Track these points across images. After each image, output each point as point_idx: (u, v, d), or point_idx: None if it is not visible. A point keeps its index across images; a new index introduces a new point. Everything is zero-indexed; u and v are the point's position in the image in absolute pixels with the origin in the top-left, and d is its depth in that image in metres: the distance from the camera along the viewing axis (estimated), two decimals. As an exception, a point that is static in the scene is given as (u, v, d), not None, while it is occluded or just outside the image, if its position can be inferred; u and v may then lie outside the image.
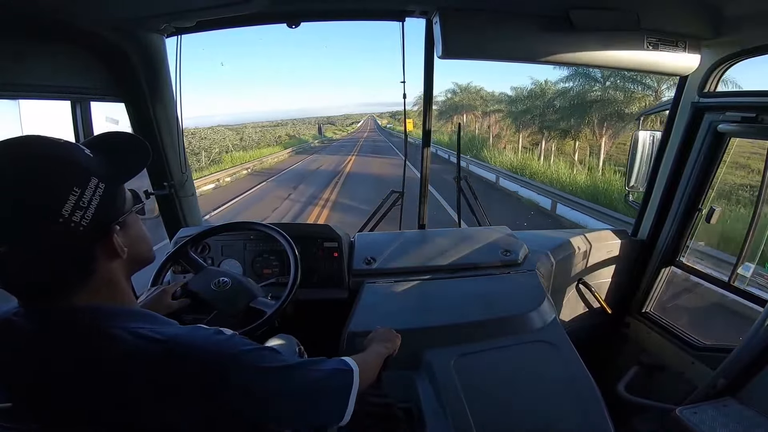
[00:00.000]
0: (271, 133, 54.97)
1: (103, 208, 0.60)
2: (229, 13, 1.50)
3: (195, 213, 2.08)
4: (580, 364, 1.34)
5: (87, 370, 0.61)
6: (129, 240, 0.67)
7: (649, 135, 1.99)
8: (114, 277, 0.66)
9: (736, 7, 1.37)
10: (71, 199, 0.57)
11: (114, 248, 0.63)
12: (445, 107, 33.39)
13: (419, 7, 1.56)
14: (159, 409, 0.61)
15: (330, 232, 1.85)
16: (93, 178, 0.60)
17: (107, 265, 0.64)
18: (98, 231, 0.61)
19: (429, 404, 1.25)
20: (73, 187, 0.57)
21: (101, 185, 0.60)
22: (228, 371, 0.64)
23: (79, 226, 0.57)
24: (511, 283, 1.72)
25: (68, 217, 0.56)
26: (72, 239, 0.58)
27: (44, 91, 1.41)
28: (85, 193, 0.58)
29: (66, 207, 0.56)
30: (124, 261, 0.67)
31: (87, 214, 0.58)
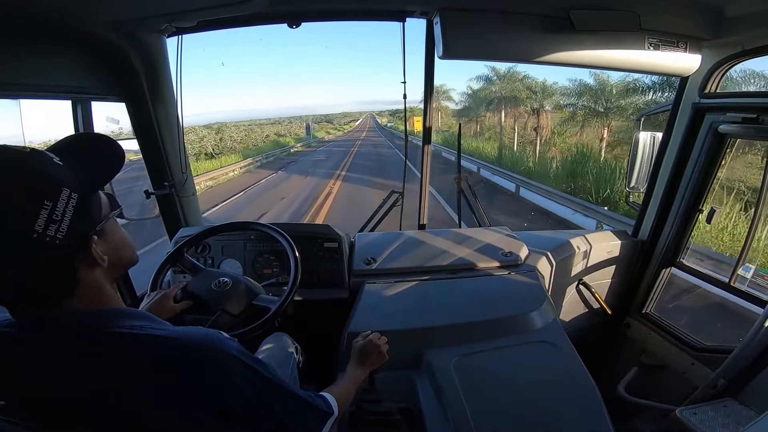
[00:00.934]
0: (257, 132, 47.68)
1: (78, 218, 0.58)
2: (229, 14, 1.50)
3: (195, 213, 2.08)
4: (580, 364, 1.34)
5: (86, 370, 0.61)
6: (109, 247, 0.65)
7: (649, 136, 1.99)
8: (99, 284, 0.65)
9: (737, 7, 1.37)
10: (43, 213, 0.54)
11: (93, 257, 0.62)
12: (474, 101, 27.33)
13: (420, 8, 1.57)
14: (160, 405, 0.62)
15: (330, 233, 1.85)
16: (64, 189, 0.57)
17: (90, 273, 0.63)
18: (76, 242, 0.59)
19: (429, 404, 1.25)
20: (43, 201, 0.55)
21: (74, 195, 0.58)
22: (231, 370, 0.66)
23: (55, 239, 0.56)
24: (511, 283, 1.72)
25: (42, 232, 0.54)
26: (49, 254, 0.56)
27: (45, 91, 1.41)
28: (57, 205, 0.56)
29: (38, 222, 0.54)
30: (105, 268, 0.65)
31: (62, 227, 0.56)
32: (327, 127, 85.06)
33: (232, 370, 0.66)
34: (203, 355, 0.64)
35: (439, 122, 35.28)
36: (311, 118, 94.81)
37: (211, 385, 0.64)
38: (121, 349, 0.61)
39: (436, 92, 33.60)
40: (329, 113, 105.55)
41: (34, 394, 0.63)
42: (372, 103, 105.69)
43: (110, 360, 0.61)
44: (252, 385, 0.68)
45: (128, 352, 0.61)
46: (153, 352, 0.62)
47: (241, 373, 0.67)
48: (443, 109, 35.82)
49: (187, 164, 1.94)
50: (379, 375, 1.22)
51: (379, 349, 1.17)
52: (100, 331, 0.62)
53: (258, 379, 0.70)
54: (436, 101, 33.74)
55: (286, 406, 0.76)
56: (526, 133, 23.73)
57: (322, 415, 0.84)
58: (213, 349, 0.66)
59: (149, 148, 1.81)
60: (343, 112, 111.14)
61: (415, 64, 1.89)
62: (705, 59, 1.59)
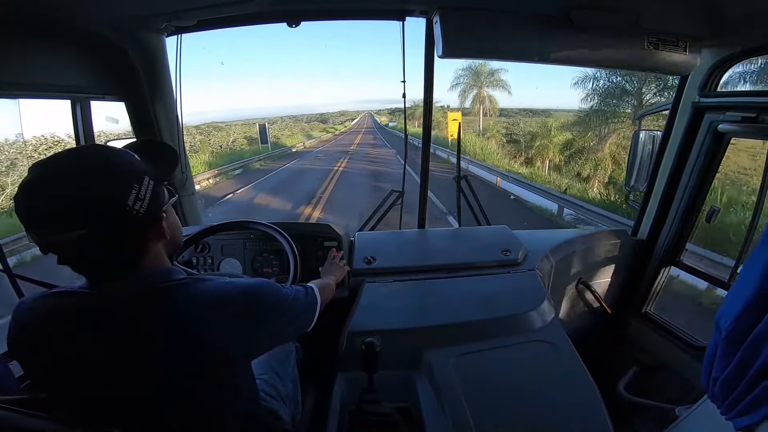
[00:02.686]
0: (223, 133, 37.31)
1: (153, 200, 0.76)
2: (229, 13, 1.50)
3: (195, 212, 2.08)
4: (579, 363, 1.34)
5: (162, 315, 0.77)
6: (170, 225, 0.84)
7: (649, 135, 2.00)
8: (161, 254, 0.85)
9: (737, 7, 1.37)
10: (133, 192, 0.72)
11: (162, 231, 0.81)
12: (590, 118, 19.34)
13: (419, 7, 1.56)
14: (234, 330, 0.82)
15: (330, 232, 1.85)
16: (146, 177, 0.76)
17: (156, 246, 0.82)
18: (150, 217, 0.77)
19: (428, 404, 1.25)
20: (133, 183, 0.73)
21: (151, 182, 0.76)
22: (274, 301, 0.93)
23: (138, 213, 0.73)
24: (510, 282, 1.72)
25: (131, 206, 0.72)
26: (133, 223, 0.73)
27: (44, 91, 1.41)
28: (141, 188, 0.74)
29: (130, 198, 0.72)
30: (166, 242, 0.85)
31: (143, 205, 0.74)
32: (318, 128, 74.34)
33: (279, 299, 0.95)
34: (250, 296, 0.87)
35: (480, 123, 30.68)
36: (305, 117, 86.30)
37: (266, 309, 0.90)
38: (188, 291, 0.80)
39: (479, 75, 31.37)
40: (325, 112, 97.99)
41: (112, 348, 0.76)
42: (371, 101, 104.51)
43: (181, 300, 0.78)
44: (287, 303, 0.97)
45: (195, 292, 0.80)
46: (214, 292, 0.82)
47: (281, 299, 0.96)
48: (489, 100, 31.47)
49: (187, 164, 1.94)
50: (378, 375, 1.22)
51: (342, 269, 1.64)
52: (169, 282, 0.80)
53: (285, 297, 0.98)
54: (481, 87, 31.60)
55: (301, 299, 1.06)
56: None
57: (313, 293, 1.16)
58: (258, 293, 0.89)
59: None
60: (339, 111, 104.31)
61: (415, 63, 1.77)
62: (705, 58, 1.59)
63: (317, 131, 62.83)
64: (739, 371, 0.96)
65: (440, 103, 34.46)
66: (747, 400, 0.94)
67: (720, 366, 1.01)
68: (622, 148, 17.71)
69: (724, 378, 1.00)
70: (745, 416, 0.95)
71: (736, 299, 1.00)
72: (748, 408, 0.94)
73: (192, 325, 0.78)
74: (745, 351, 0.95)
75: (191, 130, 31.97)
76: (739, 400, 0.97)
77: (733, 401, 0.98)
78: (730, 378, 0.99)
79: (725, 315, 1.01)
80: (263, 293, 0.90)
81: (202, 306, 0.79)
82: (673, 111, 1.83)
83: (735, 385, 0.98)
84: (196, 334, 0.78)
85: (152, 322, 0.76)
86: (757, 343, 0.92)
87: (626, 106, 18.30)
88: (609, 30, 1.48)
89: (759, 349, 0.92)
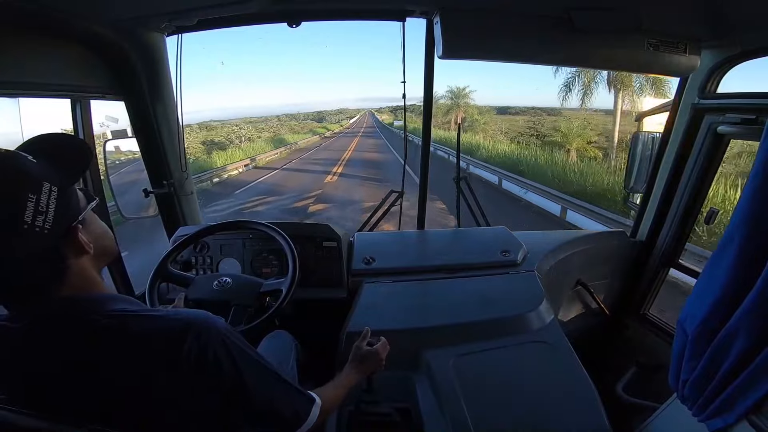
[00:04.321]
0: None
1: (61, 209, 0.64)
2: (229, 13, 1.50)
3: (194, 212, 2.08)
4: (578, 364, 1.34)
5: (80, 352, 0.66)
6: (92, 236, 0.71)
7: (648, 136, 2.00)
8: (87, 272, 0.71)
9: (737, 9, 1.37)
10: (29, 205, 0.60)
11: (81, 245, 0.68)
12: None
13: (420, 7, 1.56)
14: (170, 380, 0.68)
15: (329, 232, 1.85)
16: (45, 183, 0.62)
17: (78, 261, 0.69)
18: (62, 231, 0.65)
19: (427, 404, 1.26)
20: (28, 194, 0.60)
21: (54, 188, 0.63)
22: (216, 344, 0.72)
23: (44, 229, 0.61)
24: (509, 283, 1.72)
25: (31, 222, 0.60)
26: (39, 242, 0.61)
27: (44, 90, 1.41)
28: (41, 198, 0.61)
29: (27, 214, 0.59)
30: (92, 256, 0.71)
31: (48, 218, 0.62)
32: (311, 126, 63.63)
33: (218, 345, 0.71)
34: (193, 329, 0.70)
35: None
36: (303, 115, 74.66)
37: (198, 357, 0.69)
38: (113, 329, 0.66)
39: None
40: (323, 110, 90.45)
41: (33, 382, 0.67)
42: (371, 100, 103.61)
43: (103, 340, 0.66)
44: (233, 359, 0.73)
45: (119, 332, 0.67)
46: (148, 330, 0.68)
47: (227, 349, 0.73)
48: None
49: (187, 163, 1.94)
50: (376, 375, 1.23)
51: (380, 356, 1.17)
52: (94, 314, 0.67)
53: (241, 354, 0.75)
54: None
55: (269, 385, 0.80)
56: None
57: (307, 401, 0.87)
58: (201, 325, 0.71)
59: (148, 146, 1.81)
60: (338, 109, 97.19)
61: (416, 63, 1.77)
62: (704, 60, 1.59)
63: (298, 136, 45.12)
64: (707, 373, 0.97)
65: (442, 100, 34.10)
66: (717, 402, 0.95)
67: (687, 368, 1.02)
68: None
69: (692, 380, 1.00)
70: (718, 418, 0.96)
71: (700, 301, 1.00)
72: (720, 410, 0.95)
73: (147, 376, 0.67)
74: (712, 352, 0.96)
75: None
76: (710, 401, 0.97)
77: (704, 403, 0.99)
78: (699, 380, 0.99)
79: (690, 317, 1.01)
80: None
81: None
82: (672, 112, 1.83)
83: (704, 387, 0.98)
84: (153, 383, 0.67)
85: (86, 352, 0.66)
86: (725, 345, 0.93)
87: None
88: (609, 31, 1.48)
89: (727, 351, 0.92)
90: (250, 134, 36.18)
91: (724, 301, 0.93)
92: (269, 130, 45.99)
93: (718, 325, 0.94)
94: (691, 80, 1.71)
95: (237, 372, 0.73)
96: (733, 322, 0.90)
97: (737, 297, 0.90)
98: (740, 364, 0.89)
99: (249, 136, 35.26)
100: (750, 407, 0.89)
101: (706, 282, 1.00)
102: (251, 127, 39.64)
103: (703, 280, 1.02)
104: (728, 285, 0.93)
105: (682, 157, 1.80)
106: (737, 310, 0.89)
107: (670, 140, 1.86)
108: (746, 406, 0.89)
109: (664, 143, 1.89)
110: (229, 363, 0.72)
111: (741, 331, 0.88)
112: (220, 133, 36.76)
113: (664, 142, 1.89)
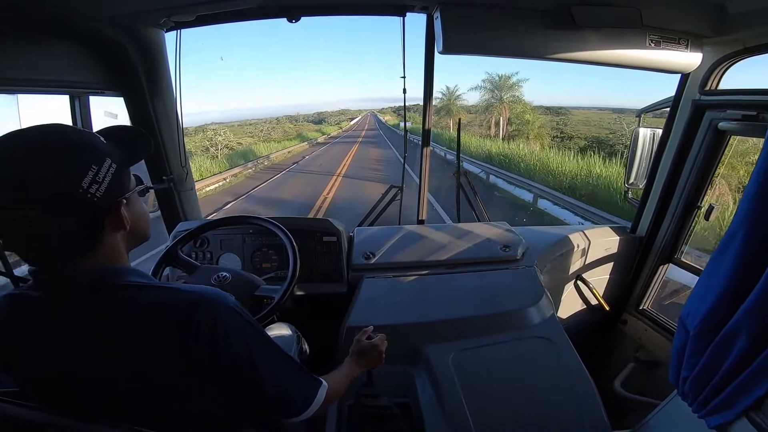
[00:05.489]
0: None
1: (113, 184, 0.70)
2: (229, 8, 1.49)
3: (194, 207, 2.08)
4: (577, 360, 1.35)
5: (99, 319, 0.70)
6: (132, 215, 0.76)
7: (649, 132, 1.99)
8: (117, 246, 0.76)
9: (739, 5, 1.36)
10: (90, 174, 0.66)
11: (121, 219, 0.72)
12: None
13: (420, 2, 1.56)
14: (182, 350, 0.70)
15: (329, 227, 1.85)
16: (107, 159, 0.70)
17: (113, 235, 0.74)
18: (109, 203, 0.70)
19: (427, 399, 1.27)
20: (91, 164, 0.67)
21: (113, 165, 0.70)
22: (239, 324, 0.76)
23: (94, 197, 0.67)
24: (509, 278, 1.72)
25: (87, 188, 0.66)
26: (88, 207, 0.67)
27: (43, 86, 1.40)
28: (101, 170, 0.68)
29: (86, 180, 0.66)
30: (126, 233, 0.76)
31: (101, 188, 0.68)
32: (305, 128, 57.02)
33: (229, 322, 0.74)
34: (204, 304, 0.72)
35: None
36: (302, 117, 69.55)
37: (209, 334, 0.71)
38: (133, 298, 0.71)
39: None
40: (323, 111, 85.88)
41: (51, 351, 0.70)
42: (373, 100, 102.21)
43: (122, 308, 0.70)
44: (244, 336, 0.76)
45: (139, 301, 0.71)
46: (162, 301, 0.72)
47: (239, 327, 0.76)
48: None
49: (186, 159, 1.93)
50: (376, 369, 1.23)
51: (379, 349, 1.17)
52: (114, 284, 0.72)
53: (251, 332, 0.78)
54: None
55: (277, 365, 0.83)
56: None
57: (314, 383, 0.89)
58: (213, 300, 0.74)
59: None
60: (340, 110, 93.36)
61: (417, 59, 1.75)
62: (706, 56, 1.58)
63: (279, 144, 33.60)
64: (708, 370, 0.97)
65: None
66: (718, 400, 0.95)
67: (688, 365, 1.01)
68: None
69: (693, 377, 1.00)
70: (717, 415, 0.96)
71: (702, 297, 1.00)
72: (720, 407, 0.95)
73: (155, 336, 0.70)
74: (713, 350, 0.95)
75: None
76: (711, 398, 0.97)
77: (704, 400, 0.99)
78: (700, 377, 0.99)
79: (692, 314, 1.01)
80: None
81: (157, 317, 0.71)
82: (673, 108, 1.82)
83: (705, 384, 0.98)
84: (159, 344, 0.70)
85: (103, 321, 0.70)
86: (726, 342, 0.92)
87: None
88: (610, 27, 1.47)
89: (728, 348, 0.92)
90: (227, 141, 30.58)
91: (726, 299, 0.93)
92: (257, 135, 41.29)
93: (719, 322, 0.94)
94: (692, 76, 1.70)
95: (247, 349, 0.76)
96: (735, 320, 0.90)
97: (739, 295, 0.90)
98: (741, 362, 0.89)
99: (226, 143, 29.97)
100: (750, 405, 0.89)
101: (709, 279, 1.00)
102: (231, 133, 33.53)
103: (706, 277, 1.02)
104: (730, 282, 0.93)
105: (683, 153, 1.79)
106: (739, 309, 0.89)
107: (671, 136, 1.85)
108: (746, 404, 0.89)
109: (665, 139, 1.89)
110: (239, 339, 0.75)
111: (743, 329, 0.88)
112: (193, 139, 30.91)
113: (665, 138, 1.89)
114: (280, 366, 0.83)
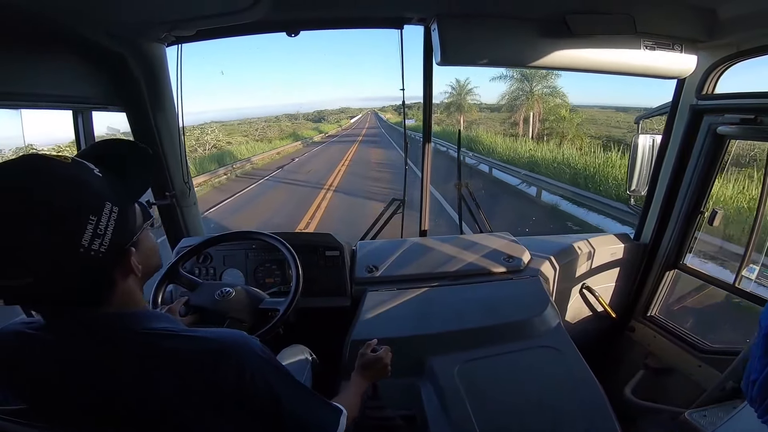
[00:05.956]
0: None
1: (118, 231, 0.61)
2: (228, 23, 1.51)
3: (197, 223, 2.08)
4: (585, 368, 1.33)
5: (116, 367, 0.63)
6: (142, 256, 0.68)
7: (649, 138, 2.00)
8: (131, 290, 0.68)
9: (730, 9, 1.38)
10: (89, 229, 0.57)
11: (130, 267, 0.65)
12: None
13: (417, 15, 1.58)
14: (187, 399, 0.64)
15: (332, 241, 1.85)
16: (106, 204, 0.59)
17: (125, 281, 0.66)
18: (116, 255, 0.62)
19: (433, 411, 1.24)
20: (89, 216, 0.57)
21: (115, 209, 0.60)
22: (254, 367, 0.68)
23: (98, 254, 0.58)
24: (514, 288, 1.71)
25: (87, 246, 0.56)
26: (92, 266, 0.58)
27: (46, 101, 1.42)
28: (101, 220, 0.58)
29: (85, 237, 0.56)
30: (138, 277, 0.68)
31: (104, 241, 0.58)
32: (301, 126, 51.06)
33: (255, 368, 0.68)
34: (230, 352, 0.66)
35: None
36: (302, 115, 63.11)
37: (236, 381, 0.66)
38: (152, 347, 0.64)
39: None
40: (323, 109, 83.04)
41: (62, 394, 0.65)
42: (374, 99, 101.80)
43: (140, 357, 0.63)
44: (269, 380, 0.70)
45: (159, 350, 0.64)
46: (186, 351, 0.65)
47: (263, 371, 0.70)
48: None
49: (189, 174, 1.94)
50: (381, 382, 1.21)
51: (384, 362, 1.14)
52: (132, 331, 0.64)
53: (276, 374, 0.73)
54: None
55: (303, 401, 0.78)
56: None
57: (335, 414, 0.85)
58: (239, 349, 0.68)
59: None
60: (340, 108, 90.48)
61: (416, 65, 1.70)
62: (701, 61, 1.60)
63: (267, 145, 29.85)
64: None
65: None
66: None
67: (758, 366, 0.93)
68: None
69: (762, 380, 0.94)
70: None
71: None
72: None
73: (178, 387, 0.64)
74: None
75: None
76: None
77: None
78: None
79: (766, 312, 0.95)
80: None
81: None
82: (671, 114, 1.83)
83: None
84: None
85: (124, 372, 0.63)
86: None
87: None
88: (605, 34, 1.49)
89: None
90: (216, 140, 27.43)
91: None
92: (251, 134, 37.49)
93: None
94: (688, 81, 1.72)
95: (271, 390, 0.71)
96: None
97: None
98: None
99: (215, 143, 26.87)
100: None
101: None
102: (221, 132, 30.21)
103: None
104: None
105: (683, 158, 1.80)
106: None
107: (670, 142, 1.86)
108: None
109: (665, 145, 1.89)
110: (265, 384, 0.70)
111: None
112: (187, 138, 26.60)
113: (665, 144, 1.89)
114: (303, 402, 0.79)
